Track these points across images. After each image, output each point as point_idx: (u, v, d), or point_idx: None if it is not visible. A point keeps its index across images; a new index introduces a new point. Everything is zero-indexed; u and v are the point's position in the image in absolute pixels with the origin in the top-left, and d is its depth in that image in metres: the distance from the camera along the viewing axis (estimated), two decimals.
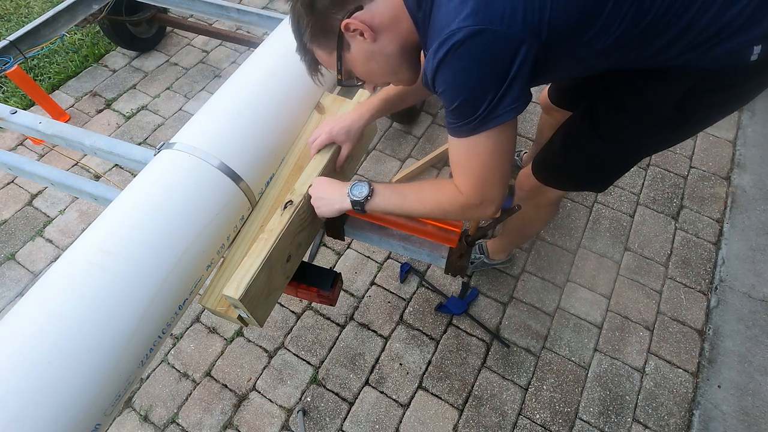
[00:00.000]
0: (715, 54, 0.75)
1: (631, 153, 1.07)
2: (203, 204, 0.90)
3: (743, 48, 0.74)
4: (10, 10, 2.77)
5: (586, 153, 1.09)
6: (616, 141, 1.02)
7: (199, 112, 1.05)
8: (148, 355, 0.81)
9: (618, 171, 1.16)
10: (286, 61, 1.13)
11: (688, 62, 0.78)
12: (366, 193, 0.90)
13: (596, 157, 1.09)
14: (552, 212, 1.37)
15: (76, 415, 0.68)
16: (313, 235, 1.06)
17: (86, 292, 0.74)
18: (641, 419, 1.47)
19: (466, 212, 0.86)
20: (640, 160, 1.15)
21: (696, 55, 0.76)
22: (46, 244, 1.85)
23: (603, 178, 1.18)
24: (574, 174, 1.18)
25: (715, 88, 0.84)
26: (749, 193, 1.98)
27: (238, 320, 0.93)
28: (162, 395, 1.52)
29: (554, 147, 1.17)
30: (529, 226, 1.45)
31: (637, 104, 0.93)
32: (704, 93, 0.85)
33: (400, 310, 1.69)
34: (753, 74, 0.81)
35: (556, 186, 1.23)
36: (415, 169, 2.00)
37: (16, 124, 1.28)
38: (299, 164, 1.10)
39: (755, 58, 0.75)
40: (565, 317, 1.67)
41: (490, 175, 0.79)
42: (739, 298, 1.70)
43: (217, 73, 2.45)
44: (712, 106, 0.90)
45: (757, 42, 0.73)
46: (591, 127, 1.03)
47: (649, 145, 1.04)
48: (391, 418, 1.47)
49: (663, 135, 0.99)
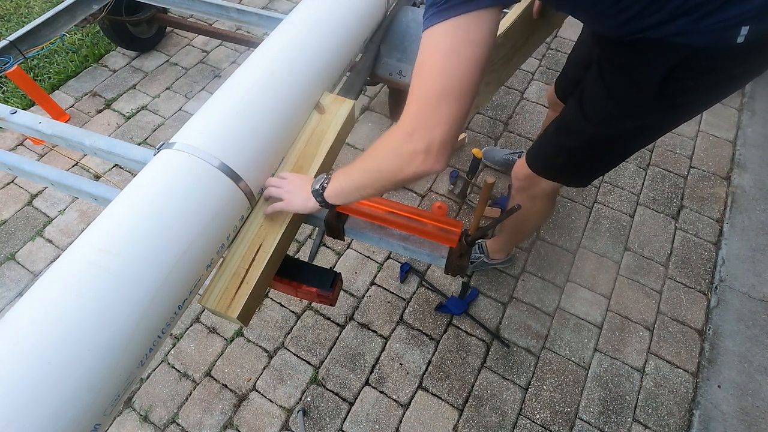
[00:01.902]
0: (703, 27, 0.73)
1: (615, 138, 1.04)
2: (203, 204, 0.90)
3: (731, 26, 0.72)
4: (10, 10, 2.77)
5: (574, 138, 1.09)
6: (602, 124, 1.00)
7: (199, 111, 1.05)
8: (147, 355, 0.81)
9: (605, 161, 1.14)
10: (286, 60, 1.14)
11: (675, 35, 0.76)
12: (322, 181, 0.86)
13: (584, 143, 1.08)
14: (548, 205, 1.36)
15: (76, 415, 0.68)
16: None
17: (86, 291, 0.74)
18: (641, 419, 1.47)
19: (398, 156, 0.67)
20: (628, 153, 1.11)
21: (685, 22, 0.73)
22: (46, 244, 1.85)
23: (589, 167, 1.16)
24: (563, 162, 1.17)
25: (701, 68, 0.81)
26: (749, 193, 1.98)
27: (237, 320, 0.93)
28: (162, 395, 1.52)
29: (547, 133, 1.17)
30: (526, 221, 1.45)
31: (622, 85, 0.92)
32: (689, 73, 0.82)
33: (400, 310, 1.69)
34: (740, 59, 0.79)
35: (546, 175, 1.22)
36: None
37: (16, 124, 1.28)
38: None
39: (741, 41, 0.73)
40: (565, 317, 1.67)
41: (435, 87, 0.59)
42: (739, 298, 1.70)
43: (217, 73, 2.45)
44: (698, 90, 0.87)
45: (745, 21, 0.71)
46: (580, 111, 1.03)
47: (636, 131, 1.01)
48: (391, 418, 1.47)
49: (649, 119, 0.96)
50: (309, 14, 1.25)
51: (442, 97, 0.60)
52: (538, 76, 2.40)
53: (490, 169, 2.07)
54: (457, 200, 1.97)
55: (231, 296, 0.92)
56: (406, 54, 1.54)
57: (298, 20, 1.23)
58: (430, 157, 0.64)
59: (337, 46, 1.25)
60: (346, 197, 0.86)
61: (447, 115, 0.61)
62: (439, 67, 0.59)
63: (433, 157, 0.64)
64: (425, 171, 0.66)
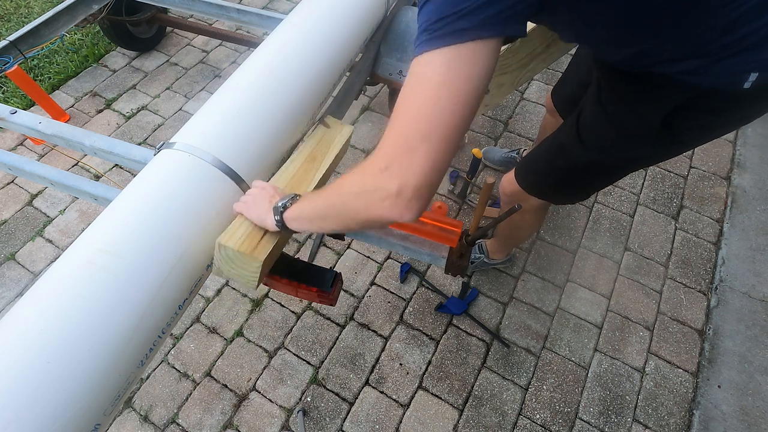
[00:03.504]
0: (716, 70, 0.73)
1: (612, 166, 1.04)
2: (203, 203, 0.90)
3: (742, 72, 0.73)
4: (10, 10, 2.77)
5: (568, 161, 1.07)
6: (599, 151, 0.99)
7: (199, 111, 1.05)
8: (147, 355, 0.81)
9: (596, 185, 1.13)
10: (286, 60, 1.13)
11: (686, 73, 0.76)
12: (288, 200, 0.77)
13: (577, 167, 1.06)
14: (538, 219, 1.35)
15: (76, 415, 0.67)
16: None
17: (86, 291, 0.74)
18: (641, 419, 1.47)
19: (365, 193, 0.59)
20: (621, 177, 1.11)
21: (700, 63, 0.73)
22: (46, 244, 1.85)
23: (581, 189, 1.15)
24: (553, 183, 1.15)
25: (706, 108, 0.81)
26: (749, 193, 1.98)
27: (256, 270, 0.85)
28: (162, 395, 1.52)
29: (539, 151, 1.16)
30: (517, 230, 1.45)
31: (623, 114, 0.91)
32: (694, 112, 0.83)
33: (400, 310, 1.69)
34: (744, 103, 0.80)
35: (535, 194, 1.20)
36: None
37: (16, 124, 1.28)
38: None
39: (748, 86, 0.73)
40: (565, 317, 1.67)
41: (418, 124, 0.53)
42: (739, 298, 1.70)
43: (217, 73, 2.45)
44: (701, 129, 0.87)
45: (754, 69, 0.72)
46: (576, 133, 1.01)
47: (633, 161, 1.00)
48: (391, 418, 1.47)
49: (647, 151, 0.95)
50: (309, 14, 1.25)
51: (423, 136, 0.52)
52: (539, 76, 2.40)
53: (490, 169, 2.07)
54: (457, 200, 1.97)
55: (255, 243, 0.84)
56: (406, 54, 1.53)
57: (298, 20, 1.23)
58: (400, 202, 0.55)
59: (337, 46, 1.25)
60: (303, 224, 0.76)
61: (426, 159, 0.53)
62: (425, 101, 0.52)
63: (404, 203, 0.55)
64: (392, 217, 0.57)
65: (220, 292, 1.73)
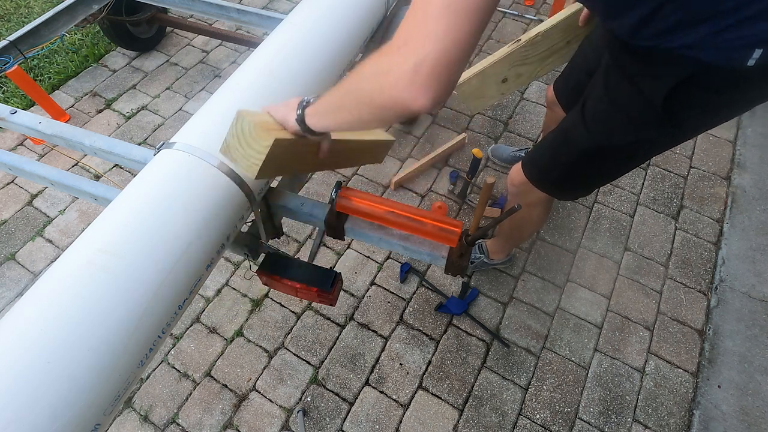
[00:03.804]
0: (718, 42, 0.73)
1: (614, 154, 1.04)
2: (203, 203, 0.90)
3: (745, 46, 0.72)
4: (10, 10, 2.77)
5: (571, 150, 1.08)
6: (602, 135, 1.00)
7: (199, 111, 1.05)
8: (147, 355, 0.81)
9: (596, 177, 1.13)
10: (286, 60, 1.14)
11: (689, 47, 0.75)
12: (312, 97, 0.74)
13: (580, 156, 1.07)
14: (543, 213, 1.35)
15: (76, 415, 0.67)
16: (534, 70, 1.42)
17: (85, 291, 0.74)
18: (641, 419, 1.47)
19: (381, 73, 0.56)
20: (621, 171, 1.11)
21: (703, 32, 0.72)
22: (46, 244, 1.85)
23: (582, 183, 1.16)
24: (556, 177, 1.16)
25: (708, 87, 0.81)
26: (749, 193, 1.98)
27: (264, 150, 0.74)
28: (162, 395, 1.52)
29: (545, 143, 1.17)
30: (522, 227, 1.45)
31: (627, 92, 0.92)
32: (696, 90, 0.82)
33: (400, 310, 1.69)
34: (747, 83, 0.79)
35: (539, 186, 1.21)
36: (415, 169, 2.00)
37: (16, 124, 1.28)
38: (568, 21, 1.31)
39: (752, 64, 0.73)
40: (565, 317, 1.67)
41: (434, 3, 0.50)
42: (739, 298, 1.70)
43: (217, 73, 2.45)
44: (701, 109, 0.87)
45: (759, 44, 0.71)
46: (582, 120, 1.03)
47: (633, 146, 1.00)
48: (391, 418, 1.47)
49: (648, 134, 0.95)
50: (309, 14, 1.25)
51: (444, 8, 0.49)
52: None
53: (490, 169, 2.07)
54: (457, 200, 1.97)
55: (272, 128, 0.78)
56: None
57: (298, 20, 1.23)
58: (417, 80, 0.51)
59: (337, 46, 1.25)
60: (321, 118, 0.72)
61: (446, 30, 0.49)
62: None
63: (421, 81, 0.51)
64: (407, 99, 0.53)
65: (220, 292, 1.73)
